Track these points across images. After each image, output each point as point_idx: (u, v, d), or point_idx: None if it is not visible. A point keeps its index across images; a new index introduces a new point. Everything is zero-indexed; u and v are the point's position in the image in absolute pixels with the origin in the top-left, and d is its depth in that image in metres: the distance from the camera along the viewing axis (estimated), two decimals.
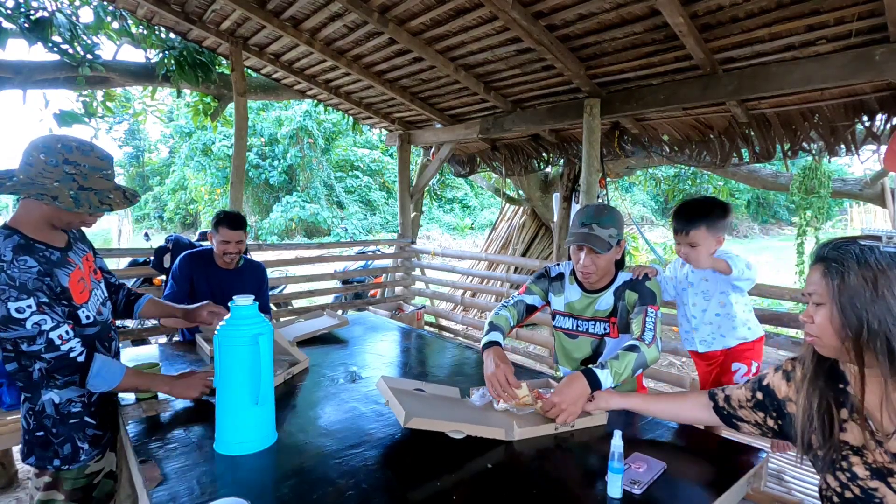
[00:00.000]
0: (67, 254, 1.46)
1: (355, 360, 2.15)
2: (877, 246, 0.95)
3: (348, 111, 5.41)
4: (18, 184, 1.31)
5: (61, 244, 1.46)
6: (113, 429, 1.62)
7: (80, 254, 1.54)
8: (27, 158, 1.33)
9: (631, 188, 19.42)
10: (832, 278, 0.97)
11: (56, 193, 1.31)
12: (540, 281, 2.02)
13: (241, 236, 2.51)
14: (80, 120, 5.14)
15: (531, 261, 5.81)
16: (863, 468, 0.96)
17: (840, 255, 0.97)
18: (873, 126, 2.91)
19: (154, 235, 15.60)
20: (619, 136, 4.15)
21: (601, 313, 1.89)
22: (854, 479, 0.97)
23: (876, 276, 0.92)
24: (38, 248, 1.37)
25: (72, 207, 1.32)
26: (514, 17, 2.87)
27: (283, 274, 5.91)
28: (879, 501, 0.93)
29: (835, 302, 0.96)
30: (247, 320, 1.36)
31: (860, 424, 0.96)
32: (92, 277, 1.56)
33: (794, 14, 2.40)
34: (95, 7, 4.87)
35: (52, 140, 1.34)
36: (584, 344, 1.93)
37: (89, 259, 1.58)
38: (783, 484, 2.19)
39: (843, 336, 0.96)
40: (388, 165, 20.48)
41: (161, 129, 22.46)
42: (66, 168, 1.33)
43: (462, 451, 1.32)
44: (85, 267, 1.53)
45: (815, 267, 1.01)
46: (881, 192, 5.31)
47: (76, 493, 1.51)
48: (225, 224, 2.46)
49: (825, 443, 1.00)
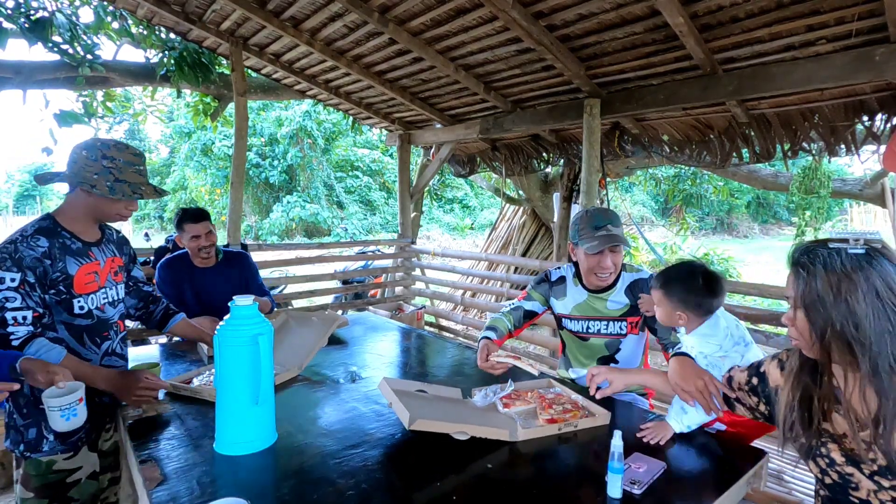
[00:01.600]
0: (91, 248, 1.59)
1: (355, 360, 2.15)
2: (844, 248, 0.96)
3: (348, 111, 5.42)
4: (65, 177, 1.52)
5: (90, 239, 1.60)
6: (95, 428, 1.61)
7: (108, 254, 1.66)
8: (72, 157, 1.53)
9: (631, 188, 19.42)
10: (800, 282, 1.00)
11: (94, 183, 1.49)
12: (540, 286, 2.01)
13: (209, 227, 2.46)
14: (80, 120, 5.14)
15: (531, 261, 5.82)
16: (839, 454, 1.02)
17: (809, 259, 0.99)
18: (873, 126, 2.91)
19: (154, 235, 15.59)
20: (619, 136, 4.15)
21: (615, 313, 1.89)
22: (832, 465, 1.03)
23: (839, 280, 0.95)
24: (62, 234, 1.52)
25: (107, 195, 1.50)
26: (514, 17, 2.87)
27: (283, 274, 5.90)
28: (855, 486, 1.00)
29: (801, 305, 1.00)
30: (247, 320, 1.36)
31: (843, 415, 1.01)
32: (110, 278, 1.66)
33: (794, 14, 2.40)
34: (95, 7, 4.86)
35: (93, 140, 1.55)
36: (597, 345, 1.92)
37: (115, 262, 1.69)
38: (783, 484, 2.19)
39: (810, 337, 1.00)
40: (388, 165, 20.48)
41: (161, 129, 22.48)
42: (104, 162, 1.51)
43: (463, 451, 1.32)
44: (106, 265, 1.64)
45: (790, 271, 1.04)
46: (881, 192, 5.31)
47: (45, 490, 1.50)
48: (187, 219, 2.43)
49: (804, 431, 1.05)
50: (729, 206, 20.01)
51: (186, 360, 2.12)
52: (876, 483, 0.97)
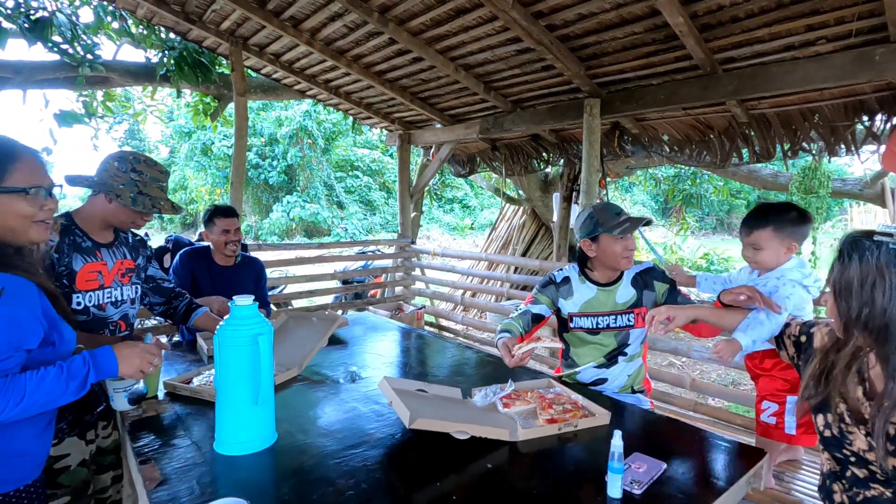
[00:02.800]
0: (100, 248, 1.69)
1: (355, 360, 2.15)
2: (887, 243, 1.02)
3: (348, 111, 5.41)
4: (94, 182, 1.65)
5: (101, 240, 1.70)
6: (80, 415, 1.57)
7: (118, 256, 1.75)
8: (104, 165, 1.67)
9: (631, 188, 19.42)
10: (836, 269, 1.09)
11: (119, 192, 1.63)
12: (546, 289, 2.01)
13: (237, 223, 2.59)
14: (81, 120, 5.14)
15: (531, 261, 5.81)
16: (846, 414, 1.12)
17: (850, 248, 1.07)
18: (873, 126, 2.91)
19: (154, 235, 15.61)
20: (619, 136, 4.15)
21: (622, 306, 1.94)
22: (841, 419, 1.13)
23: (870, 272, 1.02)
24: (75, 232, 1.64)
25: (129, 205, 1.63)
26: (514, 17, 2.87)
27: (283, 274, 5.90)
28: (850, 443, 1.11)
29: (832, 290, 1.10)
30: (246, 320, 1.36)
31: (859, 383, 1.12)
32: (117, 279, 1.74)
33: (794, 14, 2.40)
34: (95, 7, 4.86)
35: (126, 153, 1.71)
36: (606, 338, 1.96)
37: (125, 264, 1.78)
38: (783, 484, 2.19)
39: (837, 319, 1.11)
40: (388, 165, 20.48)
41: (161, 129, 22.46)
42: (132, 175, 1.65)
43: (463, 451, 1.32)
44: (114, 267, 1.72)
45: (834, 256, 1.13)
46: (881, 192, 5.31)
47: None
48: (219, 214, 2.55)
49: (825, 387, 1.16)
50: (729, 206, 19.99)
51: (186, 360, 2.12)
52: (868, 444, 1.08)
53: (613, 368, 1.96)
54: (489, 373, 2.03)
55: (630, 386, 1.99)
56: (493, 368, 2.08)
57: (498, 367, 2.09)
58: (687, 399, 3.13)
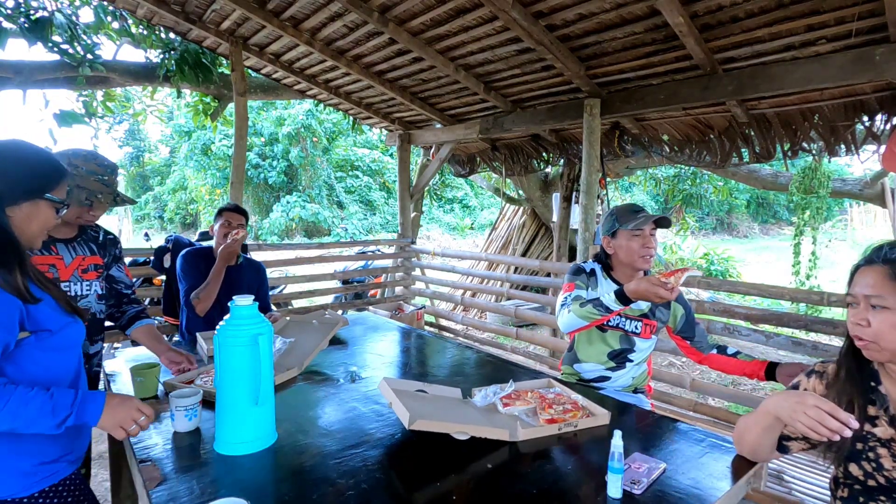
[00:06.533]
0: (56, 243, 1.69)
1: (355, 360, 2.15)
2: None
3: (348, 111, 5.41)
4: None
5: (60, 235, 1.71)
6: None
7: (79, 252, 1.74)
8: None
9: (631, 188, 19.42)
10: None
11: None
12: (580, 276, 1.98)
13: (242, 221, 2.61)
14: (80, 120, 5.13)
15: (531, 261, 5.81)
16: (890, 460, 1.00)
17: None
18: (873, 126, 2.91)
19: (154, 235, 15.60)
20: (619, 136, 4.15)
21: (634, 311, 1.93)
22: (880, 469, 1.01)
23: None
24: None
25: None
26: (514, 17, 2.87)
27: (283, 274, 5.90)
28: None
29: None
30: (246, 320, 1.36)
31: (888, 421, 1.00)
32: (76, 274, 1.73)
33: (794, 14, 2.40)
34: (95, 7, 4.86)
35: (66, 150, 1.68)
36: (613, 337, 1.96)
37: (88, 260, 1.77)
38: (783, 484, 2.19)
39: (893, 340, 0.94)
40: (388, 165, 20.47)
41: (161, 129, 22.47)
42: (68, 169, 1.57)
43: (462, 451, 1.32)
44: (72, 262, 1.72)
45: (875, 269, 0.98)
46: (881, 192, 5.31)
47: None
48: (227, 209, 2.61)
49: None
50: (729, 206, 20.01)
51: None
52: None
53: (620, 371, 1.97)
54: (489, 373, 2.03)
55: (634, 387, 2.00)
56: (493, 368, 2.08)
57: (498, 367, 2.09)
58: (687, 399, 3.13)
